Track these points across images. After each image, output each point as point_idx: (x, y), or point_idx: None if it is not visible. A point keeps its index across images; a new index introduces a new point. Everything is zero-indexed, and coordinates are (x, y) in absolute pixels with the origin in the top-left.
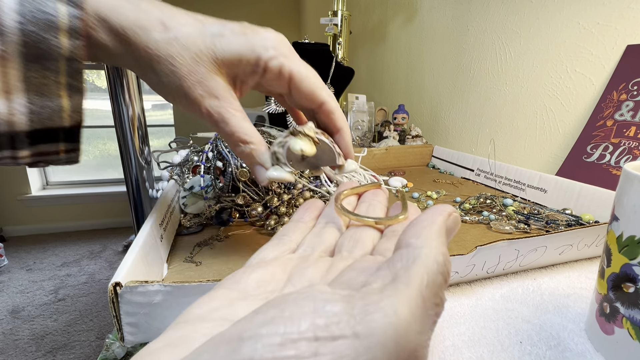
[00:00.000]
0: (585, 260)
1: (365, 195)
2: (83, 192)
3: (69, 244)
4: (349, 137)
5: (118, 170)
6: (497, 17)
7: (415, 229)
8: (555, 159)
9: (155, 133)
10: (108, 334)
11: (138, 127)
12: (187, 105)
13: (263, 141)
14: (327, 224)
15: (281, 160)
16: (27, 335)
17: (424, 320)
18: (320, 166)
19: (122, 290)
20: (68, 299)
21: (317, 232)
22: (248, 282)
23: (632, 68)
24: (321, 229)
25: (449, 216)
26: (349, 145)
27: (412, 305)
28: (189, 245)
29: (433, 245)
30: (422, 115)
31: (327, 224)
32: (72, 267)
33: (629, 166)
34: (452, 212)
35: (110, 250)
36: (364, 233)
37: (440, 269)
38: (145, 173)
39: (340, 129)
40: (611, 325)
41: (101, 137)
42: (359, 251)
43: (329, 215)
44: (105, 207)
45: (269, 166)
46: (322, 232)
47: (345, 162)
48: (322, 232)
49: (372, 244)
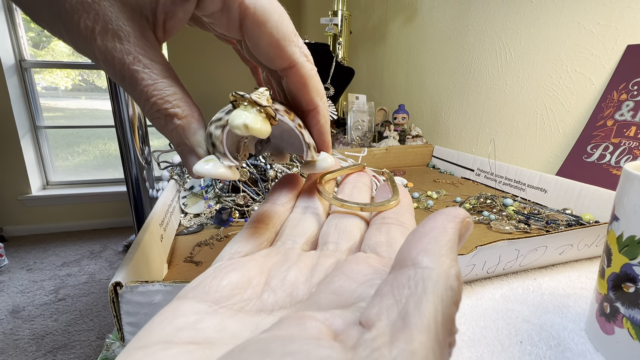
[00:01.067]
0: (585, 260)
1: (349, 177)
2: (83, 192)
3: (69, 243)
4: (327, 121)
5: (118, 170)
6: (497, 17)
7: (423, 242)
8: (556, 159)
9: (155, 133)
10: (108, 334)
11: (138, 127)
12: (72, 41)
13: (195, 113)
14: (307, 209)
15: (218, 148)
16: (28, 335)
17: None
18: (285, 151)
19: (122, 290)
20: (68, 298)
21: (296, 219)
22: (219, 289)
23: (632, 68)
24: (301, 216)
25: (462, 223)
26: (324, 132)
27: (429, 357)
28: (189, 245)
29: (445, 265)
30: (422, 115)
31: (307, 209)
32: (72, 267)
33: (629, 166)
34: (466, 217)
35: (110, 250)
36: (350, 221)
37: (454, 298)
38: (146, 173)
39: (315, 108)
40: (611, 325)
41: (101, 137)
42: (346, 243)
43: (309, 198)
44: (106, 207)
45: (202, 154)
46: (302, 219)
47: (318, 156)
48: (302, 220)
49: (360, 234)
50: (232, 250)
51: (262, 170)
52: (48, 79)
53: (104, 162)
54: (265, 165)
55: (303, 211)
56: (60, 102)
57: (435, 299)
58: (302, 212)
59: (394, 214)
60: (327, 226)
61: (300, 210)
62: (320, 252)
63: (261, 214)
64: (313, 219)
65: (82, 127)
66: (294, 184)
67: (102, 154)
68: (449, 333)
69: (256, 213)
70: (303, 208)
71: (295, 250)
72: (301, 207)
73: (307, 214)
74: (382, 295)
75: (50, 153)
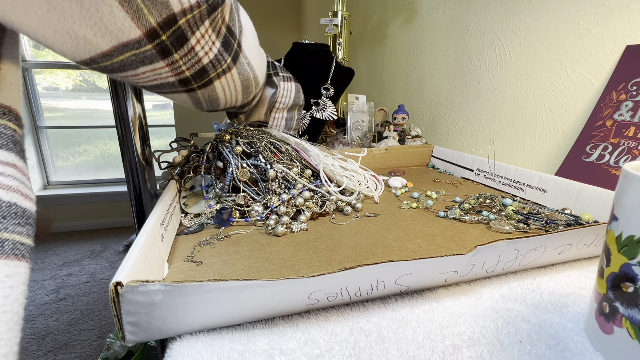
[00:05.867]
0: (584, 260)
1: None
2: (84, 192)
3: (70, 243)
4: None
5: (119, 170)
6: (497, 17)
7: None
8: (555, 158)
9: (155, 133)
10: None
11: (139, 127)
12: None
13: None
14: None
15: None
16: (28, 334)
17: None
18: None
19: (123, 289)
20: (69, 298)
21: None
22: None
23: (632, 68)
24: None
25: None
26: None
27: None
28: (190, 245)
29: None
30: (421, 116)
31: None
32: (73, 267)
33: (628, 166)
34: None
35: (111, 250)
36: None
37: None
38: (146, 173)
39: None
40: (610, 324)
41: (102, 137)
42: None
43: None
44: (106, 206)
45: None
46: None
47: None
48: None
49: None
50: None
51: (262, 170)
52: (49, 79)
53: (105, 162)
54: (265, 165)
55: None
56: (61, 103)
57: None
58: None
59: None
60: None
61: None
62: None
63: None
64: None
65: (83, 127)
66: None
67: (102, 154)
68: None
69: None
70: None
71: None
72: None
73: None
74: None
75: (51, 153)
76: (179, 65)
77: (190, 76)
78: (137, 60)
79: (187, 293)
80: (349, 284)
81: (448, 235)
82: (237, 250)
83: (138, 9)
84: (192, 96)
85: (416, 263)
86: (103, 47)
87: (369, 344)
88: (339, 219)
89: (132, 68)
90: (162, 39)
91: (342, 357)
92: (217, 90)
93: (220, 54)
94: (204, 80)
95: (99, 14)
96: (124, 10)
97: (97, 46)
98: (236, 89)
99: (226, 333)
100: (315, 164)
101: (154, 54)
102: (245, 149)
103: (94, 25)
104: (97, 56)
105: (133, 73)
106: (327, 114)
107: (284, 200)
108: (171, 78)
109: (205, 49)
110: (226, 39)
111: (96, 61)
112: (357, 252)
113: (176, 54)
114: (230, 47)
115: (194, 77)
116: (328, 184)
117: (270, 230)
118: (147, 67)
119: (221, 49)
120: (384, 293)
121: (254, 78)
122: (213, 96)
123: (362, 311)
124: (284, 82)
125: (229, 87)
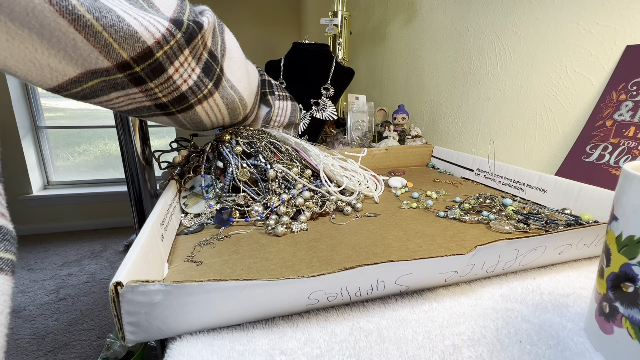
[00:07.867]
0: (584, 260)
1: None
2: (84, 191)
3: (70, 243)
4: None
5: (119, 170)
6: (497, 17)
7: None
8: (555, 159)
9: (155, 133)
10: (109, 334)
11: (139, 127)
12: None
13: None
14: None
15: None
16: (28, 334)
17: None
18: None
19: (123, 289)
20: (69, 298)
21: None
22: None
23: (632, 68)
24: None
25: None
26: None
27: None
28: (190, 245)
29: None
30: (421, 116)
31: None
32: (73, 267)
33: (628, 166)
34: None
35: (111, 250)
36: None
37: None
38: (146, 173)
39: None
40: (610, 324)
41: (102, 137)
42: None
43: None
44: (106, 206)
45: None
46: None
47: None
48: None
49: None
50: None
51: (262, 170)
52: None
53: (105, 162)
54: (265, 165)
55: None
56: (61, 102)
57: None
58: None
59: None
60: None
61: None
62: None
63: None
64: None
65: (83, 127)
66: None
67: (102, 154)
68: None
69: None
70: None
71: None
72: None
73: None
74: None
75: (51, 153)
76: (154, 92)
77: (168, 102)
78: (107, 86)
79: (187, 293)
80: (349, 284)
81: (448, 235)
82: (237, 250)
83: (106, 43)
84: (173, 119)
85: (416, 263)
86: (70, 74)
87: (369, 344)
88: (339, 219)
89: (104, 94)
90: (136, 70)
91: (342, 357)
92: (199, 114)
93: (201, 80)
94: (184, 106)
95: (61, 44)
96: (90, 44)
97: (64, 73)
98: (221, 112)
99: (226, 333)
100: (315, 164)
101: (126, 82)
102: (245, 149)
103: (57, 53)
104: (66, 83)
105: (106, 99)
106: (327, 114)
107: (284, 200)
108: (147, 102)
109: (184, 76)
110: (207, 65)
111: (66, 88)
112: (357, 252)
113: (151, 83)
114: (211, 72)
115: (172, 103)
116: (328, 184)
117: (270, 230)
118: (119, 92)
119: (201, 75)
120: (384, 293)
121: (239, 100)
122: (196, 119)
123: (362, 311)
124: (279, 102)
125: (212, 111)
